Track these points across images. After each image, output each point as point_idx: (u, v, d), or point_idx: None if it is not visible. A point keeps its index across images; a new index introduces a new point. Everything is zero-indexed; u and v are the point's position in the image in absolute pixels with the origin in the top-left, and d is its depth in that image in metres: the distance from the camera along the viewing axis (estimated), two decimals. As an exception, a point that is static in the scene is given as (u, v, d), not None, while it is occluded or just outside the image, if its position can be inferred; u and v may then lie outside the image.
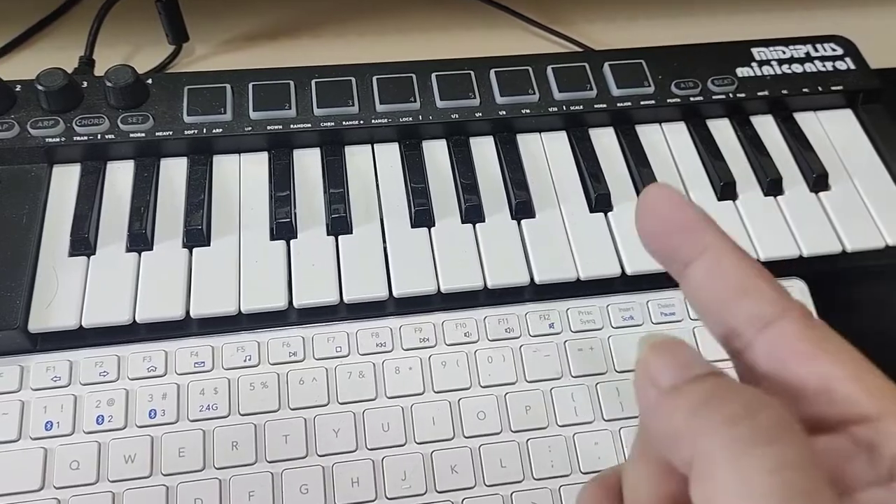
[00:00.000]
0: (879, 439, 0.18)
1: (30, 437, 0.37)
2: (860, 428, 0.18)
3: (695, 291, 0.21)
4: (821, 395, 0.19)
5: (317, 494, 0.36)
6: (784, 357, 0.19)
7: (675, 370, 0.19)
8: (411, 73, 0.48)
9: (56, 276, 0.40)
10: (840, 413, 0.18)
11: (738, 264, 0.20)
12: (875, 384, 0.19)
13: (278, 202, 0.43)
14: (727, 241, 0.20)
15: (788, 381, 0.19)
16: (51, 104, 0.44)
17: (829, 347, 0.19)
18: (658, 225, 0.21)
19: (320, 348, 0.40)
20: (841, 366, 0.19)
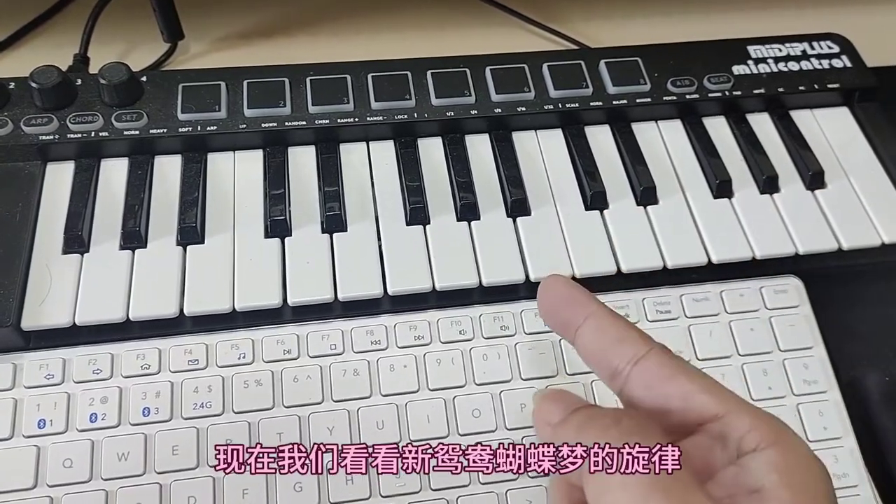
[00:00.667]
0: (727, 430, 0.24)
1: (22, 435, 0.37)
2: (713, 425, 0.25)
3: (585, 347, 0.28)
4: (682, 406, 0.25)
5: (311, 492, 0.36)
6: (652, 382, 0.25)
7: (560, 408, 0.26)
8: (407, 70, 0.48)
9: (49, 273, 0.40)
10: (697, 417, 0.25)
11: (613, 321, 0.27)
12: (719, 391, 0.25)
13: (273, 200, 0.43)
14: (603, 307, 0.28)
15: (657, 399, 0.25)
16: (45, 102, 0.44)
17: (685, 370, 0.25)
18: (551, 304, 0.29)
19: (315, 346, 0.40)
20: (694, 382, 0.25)
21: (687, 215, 0.45)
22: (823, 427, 0.40)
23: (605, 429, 0.23)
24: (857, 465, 0.39)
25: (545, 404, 0.26)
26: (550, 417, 0.26)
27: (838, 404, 0.41)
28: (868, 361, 0.43)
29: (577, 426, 0.24)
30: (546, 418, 0.26)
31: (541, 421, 0.26)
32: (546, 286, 0.29)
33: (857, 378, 0.42)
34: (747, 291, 0.43)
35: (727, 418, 0.24)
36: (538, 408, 0.27)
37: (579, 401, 0.26)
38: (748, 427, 0.24)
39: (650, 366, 0.26)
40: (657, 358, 0.26)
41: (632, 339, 0.26)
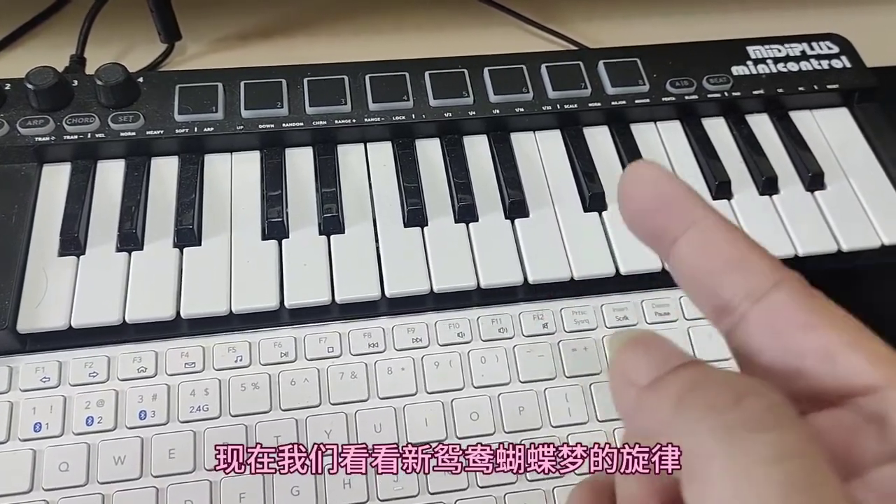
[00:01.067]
0: (888, 410, 0.17)
1: (18, 438, 0.36)
2: (866, 399, 0.17)
3: (683, 267, 0.19)
4: (822, 367, 0.17)
5: (308, 496, 0.36)
6: (781, 328, 0.18)
7: (652, 364, 0.18)
8: (404, 71, 0.48)
9: (45, 276, 0.40)
10: (844, 385, 0.17)
11: (728, 237, 0.19)
12: (880, 352, 0.18)
13: (270, 201, 0.43)
14: (715, 215, 0.19)
15: (787, 353, 0.18)
16: (41, 103, 0.44)
17: (829, 316, 0.18)
18: (642, 204, 0.20)
19: (312, 349, 0.40)
20: (842, 334, 0.18)
21: (686, 217, 0.45)
22: (823, 429, 0.40)
23: (723, 408, 0.16)
24: (856, 468, 0.39)
25: (630, 355, 0.18)
26: (637, 375, 0.18)
27: (838, 407, 0.40)
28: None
29: (677, 395, 0.17)
30: (630, 375, 0.18)
31: (621, 380, 0.18)
32: (636, 176, 0.20)
33: (856, 380, 0.42)
34: (747, 293, 0.43)
35: (890, 393, 0.17)
36: (618, 361, 0.19)
37: (681, 355, 0.18)
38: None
39: (779, 306, 0.18)
40: (789, 296, 0.18)
41: (755, 262, 0.18)
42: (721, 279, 0.19)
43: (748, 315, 0.18)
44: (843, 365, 0.17)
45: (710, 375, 0.17)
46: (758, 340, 0.18)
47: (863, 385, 0.17)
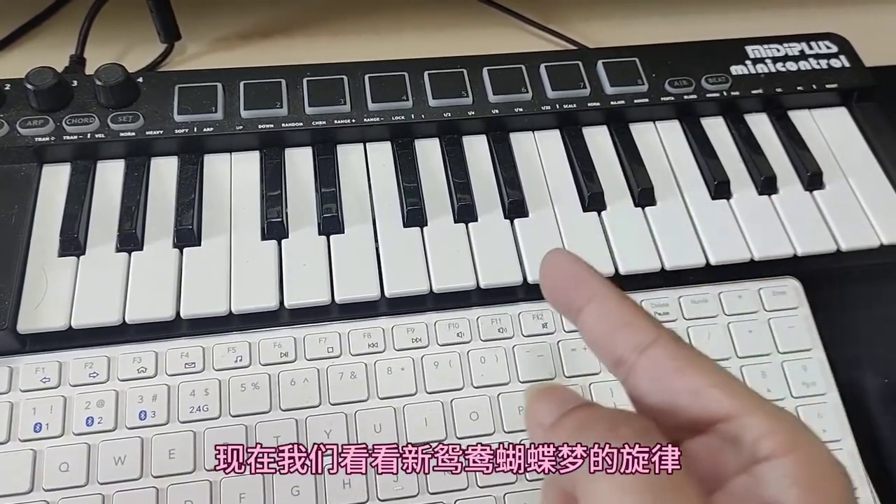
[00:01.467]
0: (740, 431, 0.21)
1: (19, 438, 0.36)
2: (725, 425, 0.22)
3: (588, 331, 0.25)
4: (691, 402, 0.22)
5: (308, 496, 0.36)
6: (659, 374, 0.23)
7: (553, 408, 0.23)
8: (403, 71, 0.48)
9: (45, 276, 0.40)
10: (708, 415, 0.22)
11: (619, 304, 0.24)
12: (734, 388, 0.22)
13: (269, 202, 0.43)
14: (610, 287, 0.24)
15: (665, 393, 0.22)
16: (40, 103, 0.44)
17: (696, 362, 0.23)
18: (554, 282, 0.26)
19: (312, 349, 0.40)
20: (706, 376, 0.22)
21: (685, 216, 0.45)
22: (822, 429, 0.40)
23: (601, 435, 0.21)
24: (856, 467, 0.39)
25: (537, 404, 0.24)
26: (542, 418, 0.23)
27: (837, 406, 0.41)
28: (867, 363, 0.43)
29: (570, 430, 0.22)
30: (538, 419, 0.23)
31: (533, 422, 0.24)
32: (548, 262, 0.26)
33: (855, 380, 0.42)
34: (746, 293, 0.43)
35: (741, 419, 0.21)
36: (529, 408, 0.24)
37: (574, 398, 0.23)
38: (764, 431, 0.21)
39: (657, 355, 0.23)
40: (665, 347, 0.23)
41: (639, 324, 0.23)
42: (615, 338, 0.24)
43: (635, 366, 0.23)
44: (707, 399, 0.22)
45: (595, 413, 0.22)
46: (643, 385, 0.23)
47: (722, 413, 0.22)
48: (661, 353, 0.23)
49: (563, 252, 0.26)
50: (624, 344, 0.23)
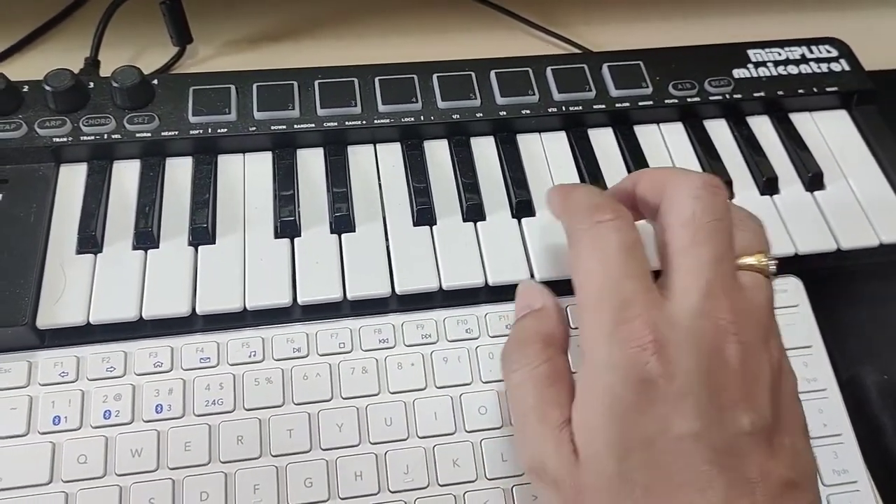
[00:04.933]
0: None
1: (38, 431, 0.37)
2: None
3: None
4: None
5: (321, 488, 0.37)
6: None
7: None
8: (413, 74, 0.49)
9: (63, 273, 0.41)
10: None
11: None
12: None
13: (282, 201, 0.44)
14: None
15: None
16: (58, 104, 0.45)
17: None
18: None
19: (324, 344, 0.40)
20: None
21: (688, 216, 0.46)
22: (823, 424, 0.40)
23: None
24: (856, 462, 0.40)
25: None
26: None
27: (838, 402, 0.41)
28: (867, 360, 0.43)
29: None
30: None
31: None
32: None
33: (855, 376, 0.43)
34: (748, 291, 0.44)
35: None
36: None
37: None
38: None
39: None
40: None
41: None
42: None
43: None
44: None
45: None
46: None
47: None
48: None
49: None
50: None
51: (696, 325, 0.30)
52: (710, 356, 0.30)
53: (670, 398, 0.29)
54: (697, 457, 0.28)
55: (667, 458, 0.29)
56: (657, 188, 0.35)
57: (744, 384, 0.30)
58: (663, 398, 0.29)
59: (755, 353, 0.30)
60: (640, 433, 0.29)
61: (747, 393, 0.30)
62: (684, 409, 0.29)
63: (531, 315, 0.36)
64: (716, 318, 0.30)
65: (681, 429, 0.29)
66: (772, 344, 0.32)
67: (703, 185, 0.33)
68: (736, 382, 0.30)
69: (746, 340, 0.30)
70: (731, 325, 0.30)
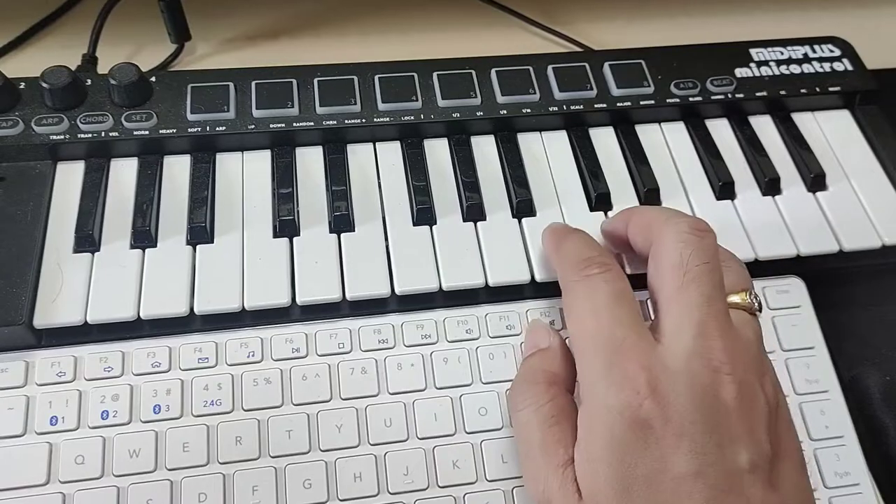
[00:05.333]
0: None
1: (35, 431, 0.37)
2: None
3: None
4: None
5: (320, 489, 0.37)
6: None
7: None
8: (413, 72, 0.48)
9: (61, 272, 0.40)
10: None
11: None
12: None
13: (281, 200, 0.44)
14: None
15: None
16: (55, 102, 0.44)
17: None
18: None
19: (323, 345, 0.40)
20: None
21: (690, 216, 0.46)
22: (825, 426, 0.40)
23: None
24: (858, 464, 0.40)
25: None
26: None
27: (840, 403, 0.41)
28: (869, 361, 0.43)
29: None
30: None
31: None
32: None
33: (858, 377, 0.43)
34: (750, 292, 0.44)
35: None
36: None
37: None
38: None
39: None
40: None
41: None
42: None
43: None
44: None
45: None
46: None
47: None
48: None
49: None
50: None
51: (690, 366, 0.31)
52: (704, 396, 0.30)
53: (667, 439, 0.30)
54: (697, 496, 0.29)
55: (666, 497, 0.29)
56: (646, 230, 0.36)
57: (741, 422, 0.30)
58: (661, 439, 0.30)
59: (750, 391, 0.31)
60: (639, 472, 0.30)
61: (745, 430, 0.30)
62: (681, 449, 0.29)
63: (538, 354, 0.37)
64: (709, 358, 0.31)
65: (679, 468, 0.29)
66: (766, 379, 0.32)
67: (690, 230, 0.34)
68: (733, 420, 0.30)
69: (741, 378, 0.31)
70: (724, 364, 0.31)
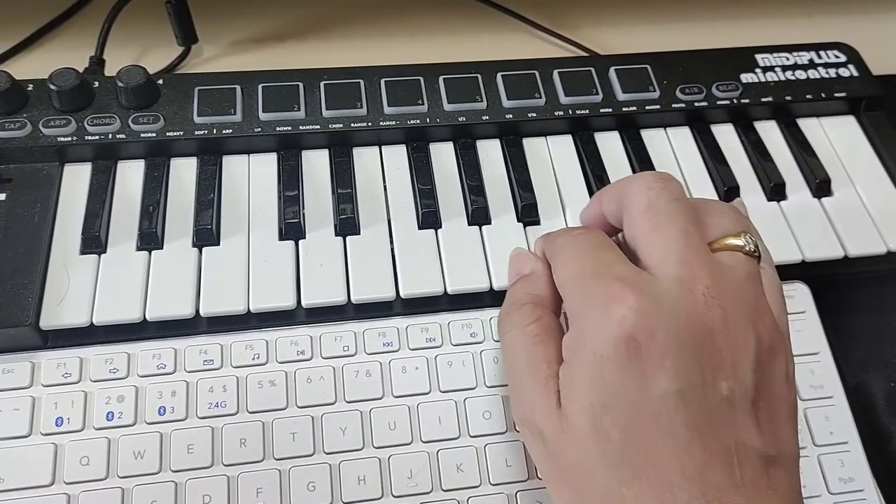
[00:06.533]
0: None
1: (40, 432, 0.37)
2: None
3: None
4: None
5: (324, 492, 0.37)
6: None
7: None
8: (419, 76, 0.48)
9: (67, 273, 0.40)
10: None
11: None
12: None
13: (287, 202, 0.44)
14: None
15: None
16: (63, 104, 0.44)
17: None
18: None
19: (328, 347, 0.40)
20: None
21: (695, 221, 0.46)
22: (829, 431, 0.40)
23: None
24: (862, 470, 0.40)
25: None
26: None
27: (844, 409, 0.41)
28: (873, 367, 0.43)
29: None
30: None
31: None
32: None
33: (862, 383, 0.43)
34: (754, 297, 0.44)
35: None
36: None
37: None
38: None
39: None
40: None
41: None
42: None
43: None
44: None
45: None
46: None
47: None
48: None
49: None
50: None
51: (676, 290, 0.31)
52: (690, 318, 0.30)
53: (651, 357, 0.29)
54: (676, 418, 0.29)
55: (645, 417, 0.29)
56: (616, 198, 0.36)
57: (726, 351, 0.30)
58: (644, 357, 0.29)
59: (739, 324, 0.31)
60: (620, 390, 0.29)
61: (728, 360, 0.30)
62: (665, 367, 0.29)
63: (522, 280, 0.37)
64: (694, 285, 0.31)
65: (660, 387, 0.29)
66: (761, 321, 0.32)
67: (654, 177, 0.35)
68: (718, 347, 0.30)
69: (727, 309, 0.31)
70: (710, 290, 0.31)
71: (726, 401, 0.29)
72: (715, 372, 0.30)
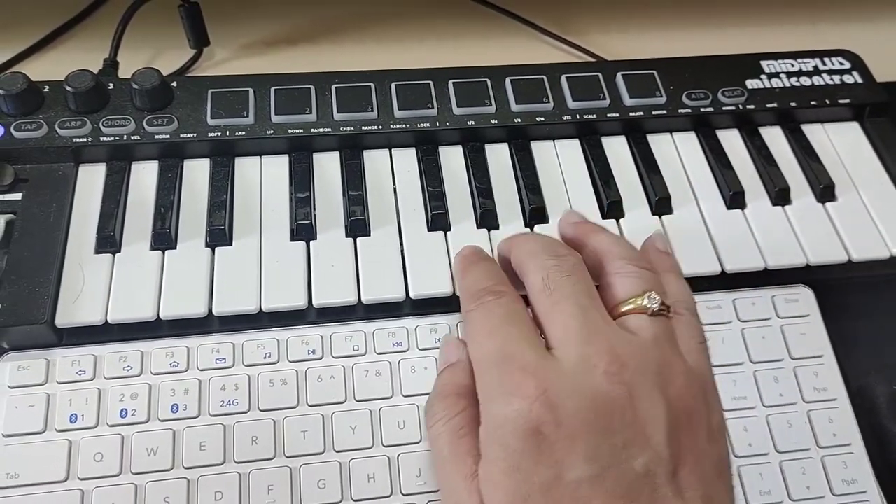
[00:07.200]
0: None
1: (55, 429, 0.38)
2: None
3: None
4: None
5: (334, 489, 0.37)
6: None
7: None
8: (429, 80, 0.49)
9: (82, 272, 0.41)
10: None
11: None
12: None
13: (298, 204, 0.44)
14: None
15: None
16: (78, 105, 0.45)
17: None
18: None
19: (338, 347, 0.41)
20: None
21: (700, 225, 0.46)
22: (833, 434, 0.41)
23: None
24: (865, 472, 0.40)
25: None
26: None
27: (847, 412, 0.42)
28: (876, 370, 0.44)
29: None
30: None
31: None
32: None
33: (865, 386, 0.43)
34: (759, 300, 0.44)
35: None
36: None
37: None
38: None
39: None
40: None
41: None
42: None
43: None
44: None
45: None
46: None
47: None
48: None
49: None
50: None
51: (577, 370, 0.31)
52: (594, 399, 0.30)
53: (560, 444, 0.29)
54: (594, 501, 0.29)
55: (565, 503, 0.29)
56: (519, 266, 0.37)
57: (636, 425, 0.30)
58: (554, 444, 0.30)
59: (645, 396, 0.31)
60: (536, 480, 0.29)
61: (640, 434, 0.30)
62: (575, 453, 0.29)
63: (448, 369, 0.37)
64: (595, 363, 0.31)
65: (574, 474, 0.29)
66: (672, 384, 0.32)
67: (547, 254, 0.35)
68: (627, 423, 0.30)
69: (631, 381, 0.31)
70: (610, 366, 0.31)
71: (644, 476, 0.29)
72: (628, 449, 0.30)
